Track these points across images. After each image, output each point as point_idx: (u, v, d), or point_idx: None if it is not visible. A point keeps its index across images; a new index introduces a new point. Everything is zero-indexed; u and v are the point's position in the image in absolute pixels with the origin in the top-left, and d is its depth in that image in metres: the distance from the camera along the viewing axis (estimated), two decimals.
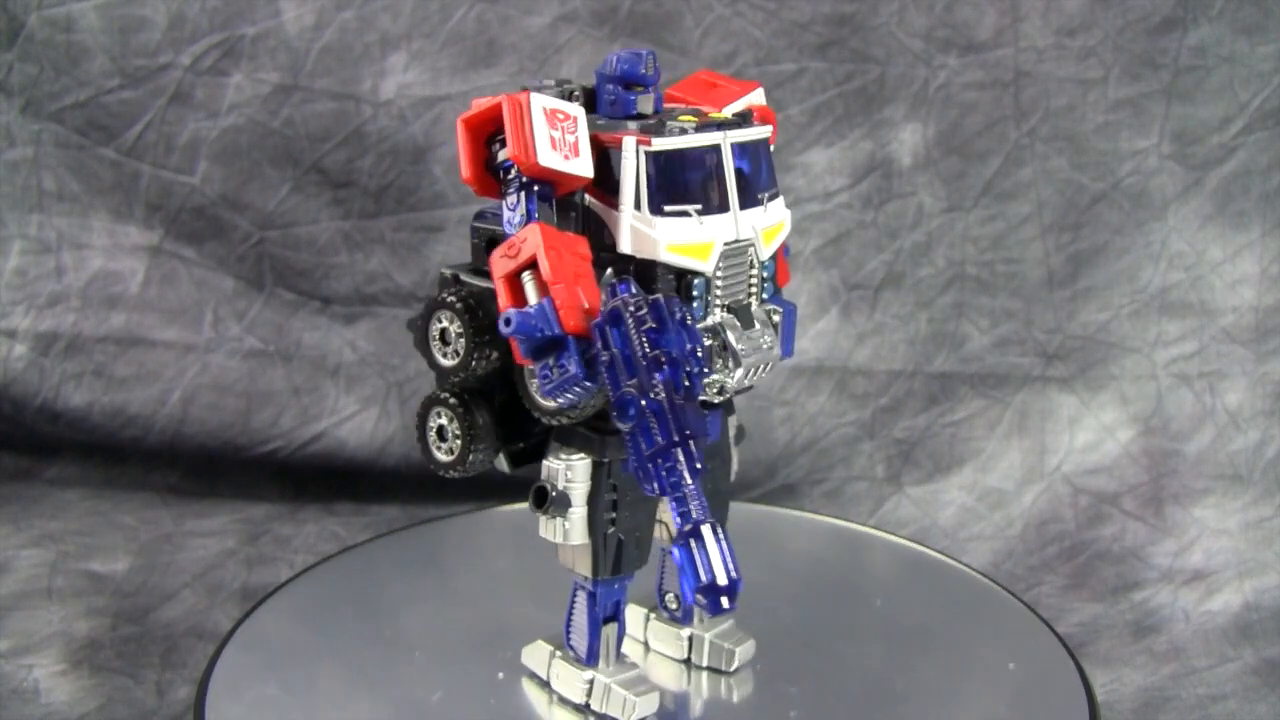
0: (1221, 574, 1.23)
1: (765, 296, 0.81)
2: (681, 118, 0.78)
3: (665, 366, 0.68)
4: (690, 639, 0.91)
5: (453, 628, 0.95)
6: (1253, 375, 1.34)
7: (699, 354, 0.71)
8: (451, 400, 0.81)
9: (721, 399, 0.81)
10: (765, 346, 0.79)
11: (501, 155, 0.75)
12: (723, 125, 0.78)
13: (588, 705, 0.85)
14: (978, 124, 1.34)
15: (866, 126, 1.34)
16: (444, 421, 0.82)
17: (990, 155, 1.35)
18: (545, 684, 0.87)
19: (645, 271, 0.75)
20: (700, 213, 0.76)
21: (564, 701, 0.86)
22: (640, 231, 0.75)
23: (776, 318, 0.81)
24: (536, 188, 0.75)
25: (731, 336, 0.78)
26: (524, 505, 0.81)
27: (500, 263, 0.73)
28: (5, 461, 1.40)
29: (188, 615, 1.15)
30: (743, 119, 0.80)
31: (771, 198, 0.80)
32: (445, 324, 0.80)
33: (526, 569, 1.05)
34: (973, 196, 1.35)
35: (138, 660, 1.08)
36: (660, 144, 0.75)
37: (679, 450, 0.67)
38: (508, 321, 0.71)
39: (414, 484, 1.37)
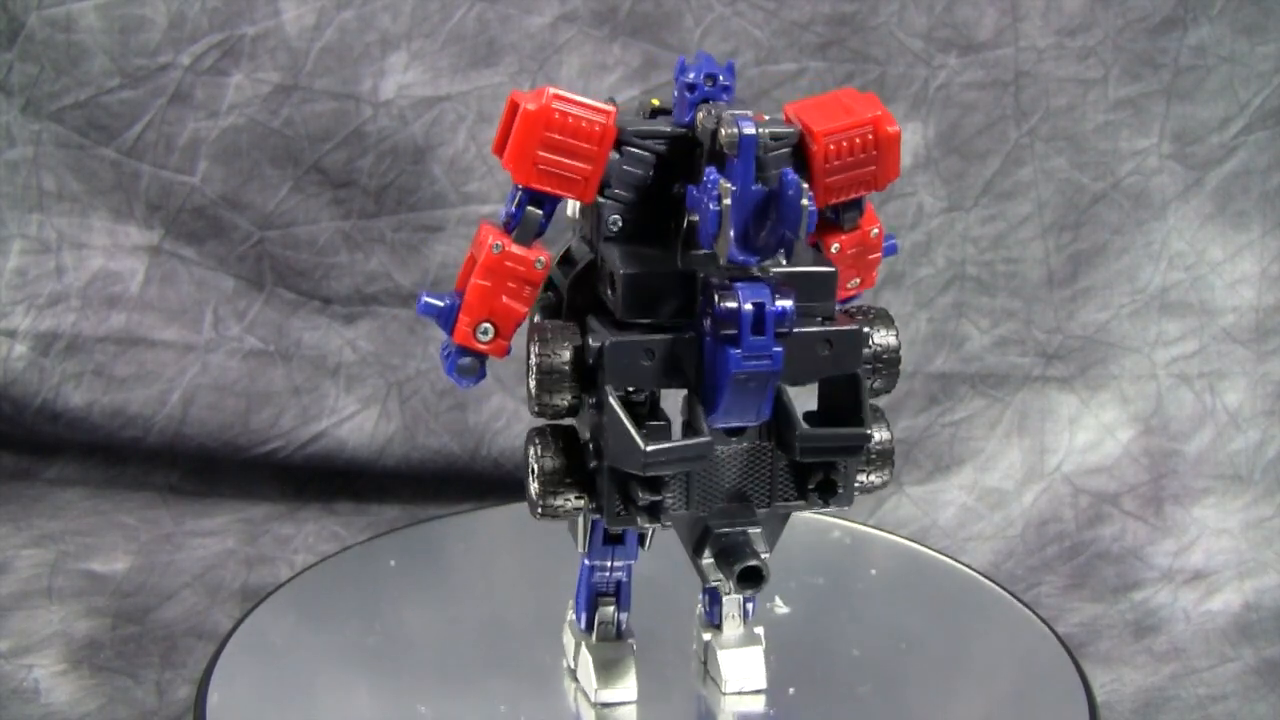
0: (1222, 574, 1.23)
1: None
2: None
3: None
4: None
5: (453, 627, 0.95)
6: (1253, 375, 1.34)
7: None
8: None
9: None
10: None
11: None
12: None
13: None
14: (978, 124, 1.34)
15: None
16: None
17: (990, 155, 1.34)
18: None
19: None
20: None
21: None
22: None
23: None
24: None
25: None
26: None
27: None
28: (5, 461, 1.39)
29: (188, 615, 1.15)
30: None
31: None
32: None
33: (527, 568, 1.05)
34: (973, 196, 1.35)
35: (138, 660, 1.08)
36: None
37: None
38: None
39: (414, 484, 1.37)
